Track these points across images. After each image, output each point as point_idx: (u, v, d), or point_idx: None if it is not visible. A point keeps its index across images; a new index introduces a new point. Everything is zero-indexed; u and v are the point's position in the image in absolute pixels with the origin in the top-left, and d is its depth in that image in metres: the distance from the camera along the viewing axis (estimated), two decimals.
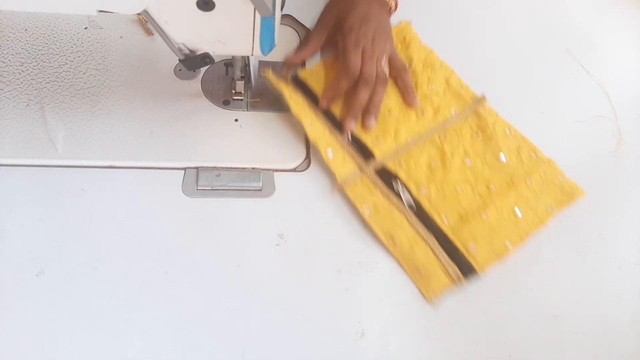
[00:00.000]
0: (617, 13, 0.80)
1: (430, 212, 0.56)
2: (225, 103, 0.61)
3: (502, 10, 0.77)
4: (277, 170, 0.57)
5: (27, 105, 0.57)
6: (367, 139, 0.60)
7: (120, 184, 0.54)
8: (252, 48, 0.50)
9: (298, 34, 0.69)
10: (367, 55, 0.61)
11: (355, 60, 0.61)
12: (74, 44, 0.63)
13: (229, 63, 0.62)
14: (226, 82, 0.62)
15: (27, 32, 0.62)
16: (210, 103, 0.60)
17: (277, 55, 0.63)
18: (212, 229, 0.52)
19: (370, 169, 0.58)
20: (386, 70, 0.62)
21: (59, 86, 0.59)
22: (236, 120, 0.60)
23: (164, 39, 0.48)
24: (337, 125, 0.60)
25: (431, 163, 0.59)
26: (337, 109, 0.61)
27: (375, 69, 0.61)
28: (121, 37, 0.64)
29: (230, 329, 0.47)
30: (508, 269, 0.54)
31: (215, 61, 0.51)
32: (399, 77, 0.64)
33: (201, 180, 0.55)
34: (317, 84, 0.63)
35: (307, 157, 0.59)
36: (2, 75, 0.59)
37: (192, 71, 0.61)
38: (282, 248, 0.52)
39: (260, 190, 0.55)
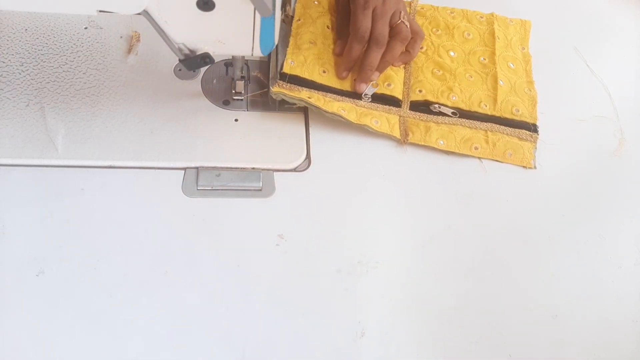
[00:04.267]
0: (622, 13, 0.80)
1: (471, 109, 0.62)
2: (225, 103, 0.61)
3: (514, 4, 0.77)
4: (277, 170, 0.57)
5: (27, 105, 0.57)
6: (383, 90, 0.62)
7: (120, 184, 0.54)
8: (252, 48, 0.50)
9: None
10: (377, 14, 0.61)
11: (363, 22, 0.61)
12: (74, 44, 0.63)
13: (229, 63, 0.62)
14: (226, 82, 0.62)
15: (27, 32, 0.62)
16: (210, 103, 0.60)
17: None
18: (212, 229, 0.52)
19: (404, 110, 0.62)
20: (407, 23, 0.63)
21: (59, 86, 0.59)
22: (236, 120, 0.60)
23: (164, 39, 0.48)
24: (354, 95, 0.62)
25: (434, 71, 0.65)
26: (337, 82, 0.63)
27: (389, 27, 0.62)
28: (121, 37, 0.64)
29: (230, 329, 0.47)
30: (508, 268, 0.54)
31: (215, 61, 0.51)
32: (411, 40, 0.64)
33: (201, 180, 0.55)
34: (309, 71, 0.61)
35: (307, 157, 0.59)
36: (2, 75, 0.59)
37: (192, 71, 0.61)
38: (282, 248, 0.52)
39: (260, 190, 0.55)
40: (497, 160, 0.60)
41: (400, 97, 0.62)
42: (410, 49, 0.64)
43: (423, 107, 0.62)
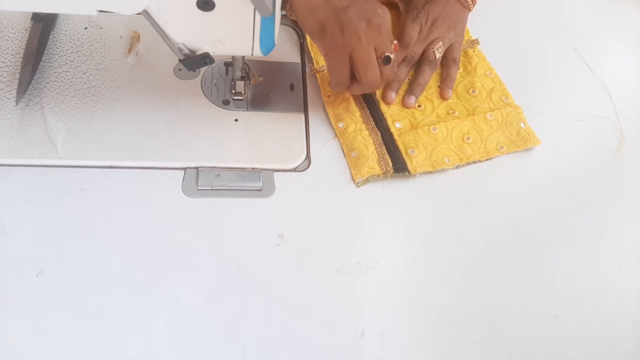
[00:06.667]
0: (622, 13, 0.80)
1: (386, 114, 0.61)
2: (225, 103, 0.61)
3: (515, 4, 0.77)
4: (277, 170, 0.57)
5: (27, 105, 0.57)
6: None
7: (120, 184, 0.54)
8: (252, 48, 0.50)
9: (298, 34, 0.69)
10: (422, 37, 0.65)
11: (411, 31, 0.65)
12: (74, 44, 0.63)
13: (229, 63, 0.62)
14: (226, 82, 0.62)
15: (27, 32, 0.62)
16: (210, 103, 0.60)
17: (277, 55, 0.63)
18: (212, 229, 0.52)
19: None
20: (437, 54, 0.65)
21: (59, 86, 0.59)
22: (236, 120, 0.60)
23: (164, 39, 0.48)
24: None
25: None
26: None
27: (422, 51, 0.65)
28: (121, 37, 0.64)
29: (230, 329, 0.47)
30: (508, 268, 0.54)
31: (215, 61, 0.51)
32: (446, 66, 0.66)
33: (201, 180, 0.55)
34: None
35: (307, 157, 0.59)
36: (2, 75, 0.59)
37: (192, 71, 0.61)
38: (282, 248, 0.52)
39: (260, 190, 0.55)
40: (342, 148, 0.59)
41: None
42: (445, 75, 0.66)
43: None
